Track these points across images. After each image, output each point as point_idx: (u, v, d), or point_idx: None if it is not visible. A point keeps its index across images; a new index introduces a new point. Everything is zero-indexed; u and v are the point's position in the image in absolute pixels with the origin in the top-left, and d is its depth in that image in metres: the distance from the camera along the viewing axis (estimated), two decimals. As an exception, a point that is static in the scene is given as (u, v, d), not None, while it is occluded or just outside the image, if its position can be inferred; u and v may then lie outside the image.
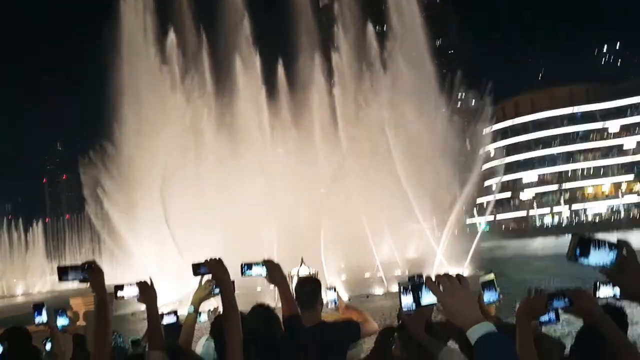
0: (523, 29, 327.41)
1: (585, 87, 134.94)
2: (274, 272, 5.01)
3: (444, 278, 2.45)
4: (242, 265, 4.97)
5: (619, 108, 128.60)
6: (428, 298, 2.54)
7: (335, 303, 6.28)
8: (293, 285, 5.75)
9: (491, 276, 4.10)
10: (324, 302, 5.89)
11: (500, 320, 5.36)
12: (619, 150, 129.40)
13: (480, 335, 2.28)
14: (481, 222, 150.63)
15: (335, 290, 6.41)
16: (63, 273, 4.30)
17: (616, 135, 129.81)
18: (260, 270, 4.99)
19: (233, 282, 4.65)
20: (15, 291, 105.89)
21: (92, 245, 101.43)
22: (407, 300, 3.52)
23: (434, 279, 2.27)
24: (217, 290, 5.11)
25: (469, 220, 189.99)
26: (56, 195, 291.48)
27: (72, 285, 4.67)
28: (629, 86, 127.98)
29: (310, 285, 5.62)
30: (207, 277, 5.16)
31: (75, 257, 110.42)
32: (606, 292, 3.72)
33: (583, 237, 2.60)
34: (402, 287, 3.64)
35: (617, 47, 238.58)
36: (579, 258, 2.57)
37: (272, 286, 5.33)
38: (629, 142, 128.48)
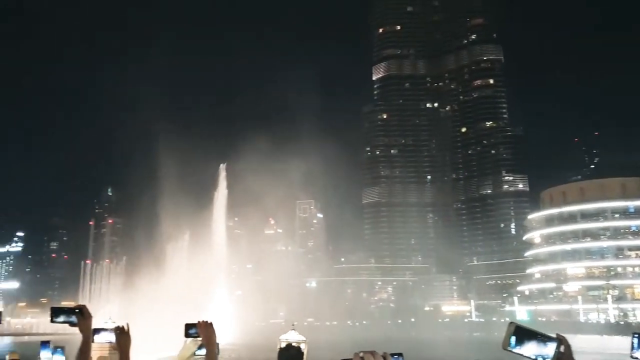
0: (578, 117, 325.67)
1: (639, 180, 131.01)
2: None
3: (369, 355, 2.67)
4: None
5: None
6: None
7: None
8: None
9: None
10: None
11: None
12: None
13: None
14: (521, 310, 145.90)
15: None
16: (55, 314, 4.63)
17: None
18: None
19: (218, 344, 4.87)
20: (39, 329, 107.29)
21: (124, 292, 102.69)
22: None
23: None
24: (199, 352, 5.40)
25: (508, 308, 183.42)
26: (101, 238, 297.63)
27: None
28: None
29: (294, 353, 5.89)
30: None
31: (102, 299, 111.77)
32: None
33: (520, 326, 2.72)
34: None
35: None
36: (514, 347, 2.68)
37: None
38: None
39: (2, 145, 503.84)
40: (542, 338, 2.73)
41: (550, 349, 2.72)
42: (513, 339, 2.65)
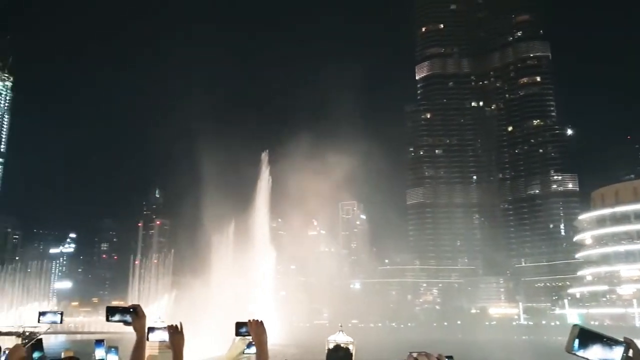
0: (631, 114, 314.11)
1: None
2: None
3: (423, 356, 2.66)
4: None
5: None
6: None
7: None
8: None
9: None
10: None
11: None
12: None
13: None
14: (572, 314, 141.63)
15: None
16: (111, 313, 4.79)
17: None
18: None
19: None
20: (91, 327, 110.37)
21: (172, 290, 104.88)
22: None
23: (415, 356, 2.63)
24: (248, 350, 5.44)
25: (558, 311, 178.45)
26: (149, 239, 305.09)
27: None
28: None
29: (342, 355, 5.91)
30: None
31: (150, 299, 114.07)
32: None
33: (584, 328, 2.58)
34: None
35: None
36: (578, 350, 2.55)
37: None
38: None
39: (55, 149, 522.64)
40: (608, 341, 2.59)
41: (617, 353, 2.57)
42: (577, 342, 2.54)
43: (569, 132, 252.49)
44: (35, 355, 6.53)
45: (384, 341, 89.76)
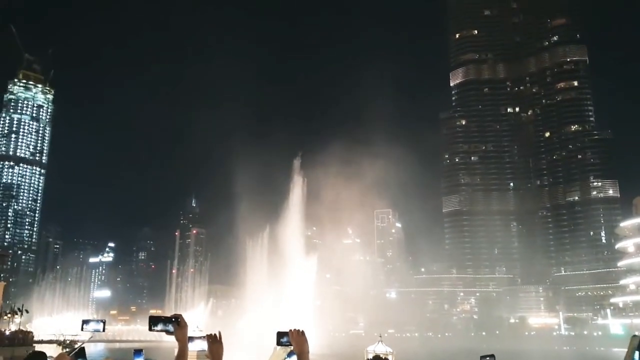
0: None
1: None
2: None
3: None
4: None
5: None
6: None
7: None
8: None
9: None
10: None
11: None
12: None
13: None
14: (615, 324, 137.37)
15: None
16: (154, 323, 4.84)
17: None
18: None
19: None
20: (129, 336, 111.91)
21: (208, 299, 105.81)
22: None
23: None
24: (289, 359, 5.46)
25: (601, 321, 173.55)
26: (185, 248, 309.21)
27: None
28: None
29: None
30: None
31: (187, 307, 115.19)
32: None
33: None
34: None
35: None
36: None
37: None
38: None
39: (93, 160, 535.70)
40: None
41: None
42: (637, 354, 2.35)
43: (608, 137, 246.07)
44: None
45: (422, 351, 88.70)
